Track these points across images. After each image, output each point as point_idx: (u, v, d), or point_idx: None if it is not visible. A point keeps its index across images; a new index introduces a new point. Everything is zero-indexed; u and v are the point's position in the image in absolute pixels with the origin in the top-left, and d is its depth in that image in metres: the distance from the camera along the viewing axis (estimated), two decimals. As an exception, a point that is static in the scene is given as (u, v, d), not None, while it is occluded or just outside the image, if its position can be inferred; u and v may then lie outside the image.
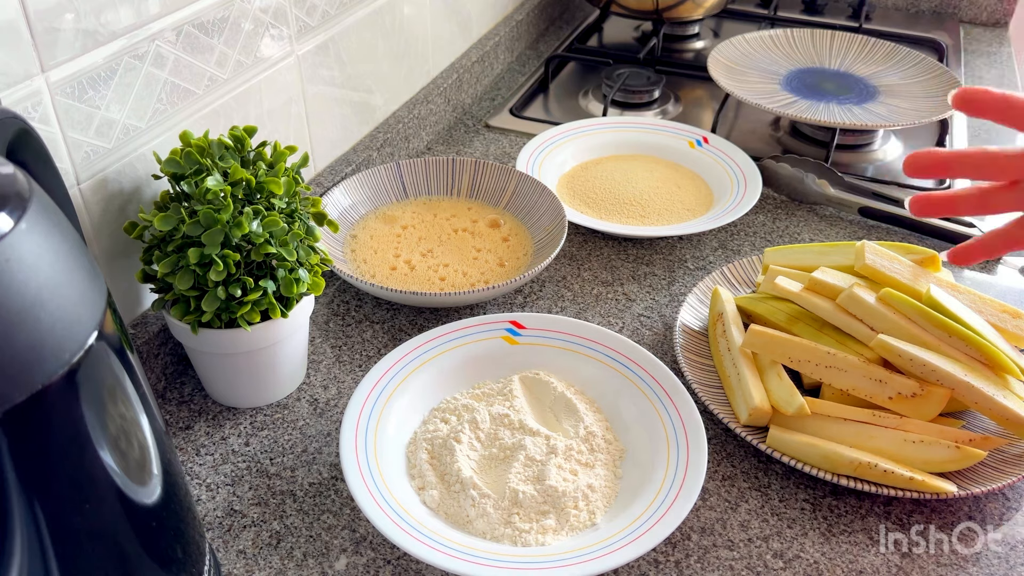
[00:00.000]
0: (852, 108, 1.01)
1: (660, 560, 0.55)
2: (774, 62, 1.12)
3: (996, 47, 1.32)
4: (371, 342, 0.72)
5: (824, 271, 0.67)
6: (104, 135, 0.58)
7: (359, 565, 0.54)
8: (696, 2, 1.20)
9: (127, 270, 0.62)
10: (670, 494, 0.55)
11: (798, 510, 0.59)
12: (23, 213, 0.31)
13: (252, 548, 0.55)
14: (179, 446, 0.62)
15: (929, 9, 1.42)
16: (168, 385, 0.67)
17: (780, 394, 0.61)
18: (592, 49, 1.30)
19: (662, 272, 0.81)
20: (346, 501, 0.58)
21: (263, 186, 0.58)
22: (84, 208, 0.58)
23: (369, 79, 0.89)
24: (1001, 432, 0.62)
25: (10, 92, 0.50)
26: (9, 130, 0.38)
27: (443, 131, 1.05)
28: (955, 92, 0.53)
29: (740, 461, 0.62)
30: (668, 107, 1.12)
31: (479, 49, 1.12)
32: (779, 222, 0.89)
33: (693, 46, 1.32)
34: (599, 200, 0.89)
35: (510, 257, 0.79)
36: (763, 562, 0.55)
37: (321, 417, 0.65)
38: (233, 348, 0.60)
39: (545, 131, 0.97)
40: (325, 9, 0.78)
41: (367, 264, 0.78)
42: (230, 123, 0.69)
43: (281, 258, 0.57)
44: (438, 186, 0.87)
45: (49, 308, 0.31)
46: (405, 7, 0.92)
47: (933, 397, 0.59)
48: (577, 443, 0.59)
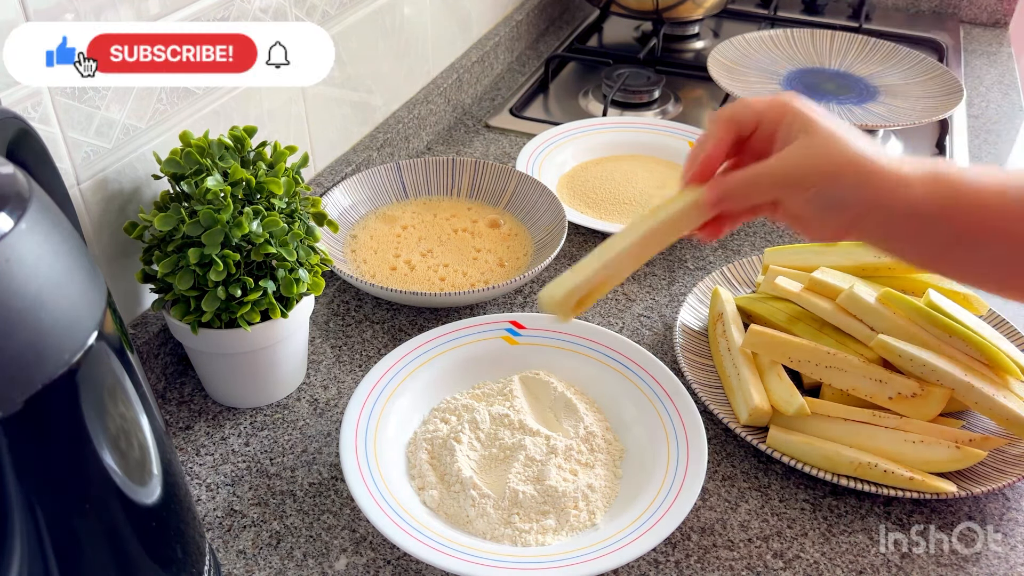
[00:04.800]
0: (852, 108, 1.01)
1: (660, 560, 0.55)
2: (774, 62, 1.12)
3: (996, 47, 1.32)
4: (371, 342, 0.72)
5: (824, 271, 0.67)
6: (104, 135, 0.58)
7: (359, 565, 0.54)
8: (696, 2, 1.20)
9: (127, 270, 0.62)
10: (670, 494, 0.55)
11: (798, 510, 0.58)
12: (23, 213, 0.31)
13: (252, 548, 0.55)
14: (179, 446, 0.62)
15: (929, 9, 1.42)
16: (168, 385, 0.67)
17: (780, 394, 0.61)
18: (592, 49, 1.30)
19: (662, 272, 0.81)
20: (346, 501, 0.58)
21: (263, 186, 0.58)
22: (84, 208, 0.58)
23: (369, 79, 0.89)
24: (1001, 432, 0.62)
25: (10, 92, 0.50)
26: (9, 130, 0.38)
27: (443, 131, 1.05)
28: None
29: (740, 461, 0.62)
30: (668, 107, 1.12)
31: (479, 49, 1.12)
32: (779, 222, 0.89)
33: (693, 46, 1.32)
34: (599, 200, 0.89)
35: (510, 257, 0.79)
36: (763, 562, 0.55)
37: (321, 417, 0.65)
38: (233, 348, 0.60)
39: (545, 131, 0.97)
40: (325, 9, 0.78)
41: (367, 264, 0.78)
42: (230, 123, 0.69)
43: (281, 258, 0.57)
44: (438, 186, 0.87)
45: (49, 308, 0.31)
46: (405, 7, 0.92)
47: (933, 397, 0.59)
48: (577, 443, 0.59)
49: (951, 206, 0.45)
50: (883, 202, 0.45)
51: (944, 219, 0.45)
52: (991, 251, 0.45)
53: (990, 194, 0.45)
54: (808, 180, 0.46)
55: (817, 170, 0.46)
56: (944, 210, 0.45)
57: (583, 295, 0.49)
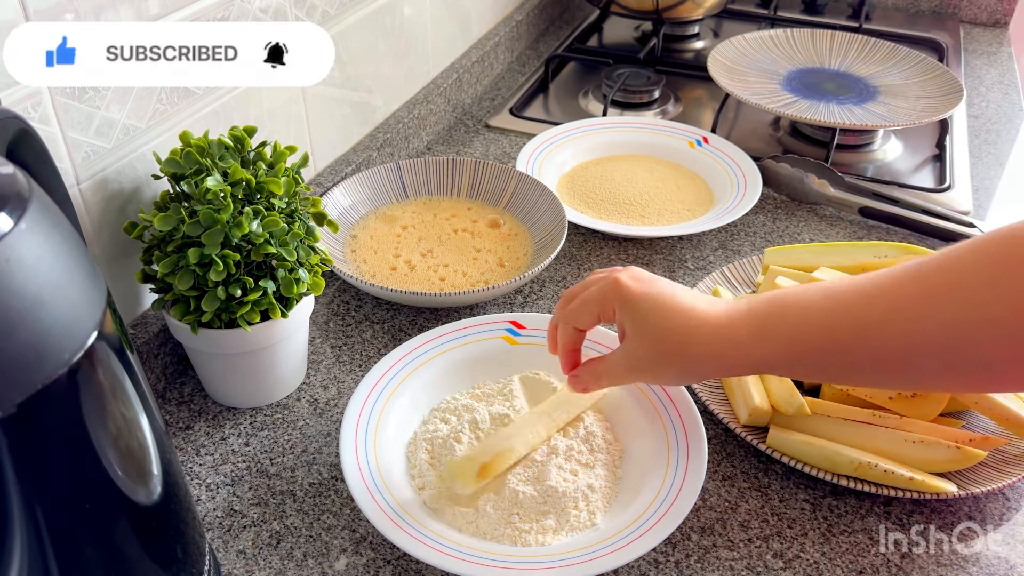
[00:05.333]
0: (852, 108, 1.01)
1: (660, 560, 0.55)
2: (774, 62, 1.12)
3: (996, 47, 1.32)
4: (371, 342, 0.72)
5: (824, 271, 0.67)
6: (104, 135, 0.58)
7: (359, 565, 0.54)
8: (696, 2, 1.20)
9: (127, 270, 0.62)
10: (670, 494, 0.55)
11: (798, 510, 0.58)
12: (23, 213, 0.31)
13: (252, 548, 0.55)
14: (179, 446, 0.62)
15: (929, 9, 1.42)
16: (168, 385, 0.67)
17: (780, 394, 0.61)
18: (592, 49, 1.30)
19: (662, 272, 0.81)
20: (346, 501, 0.58)
21: (263, 186, 0.58)
22: (84, 208, 0.58)
23: (369, 79, 0.89)
24: (1001, 432, 0.62)
25: (10, 92, 0.50)
26: (9, 130, 0.38)
27: (443, 131, 1.05)
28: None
29: (740, 461, 0.62)
30: (668, 107, 1.12)
31: (479, 49, 1.12)
32: (779, 222, 0.89)
33: (693, 46, 1.32)
34: (599, 200, 0.89)
35: (510, 257, 0.79)
36: (763, 562, 0.55)
37: (321, 417, 0.65)
38: (233, 348, 0.60)
39: (545, 131, 0.97)
40: (325, 9, 0.78)
41: (367, 264, 0.78)
42: (230, 123, 0.69)
43: (281, 258, 0.57)
44: (438, 186, 0.87)
45: (49, 308, 0.31)
46: (405, 7, 0.92)
47: (933, 397, 0.59)
48: (577, 443, 0.59)
49: (775, 331, 0.49)
50: (726, 362, 0.50)
51: (778, 345, 0.49)
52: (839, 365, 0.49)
53: (813, 309, 0.48)
54: (655, 367, 0.52)
55: (660, 357, 0.51)
56: (774, 339, 0.49)
57: (486, 461, 0.55)
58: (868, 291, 0.46)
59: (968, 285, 0.43)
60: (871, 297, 0.46)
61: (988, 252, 0.43)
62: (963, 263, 0.44)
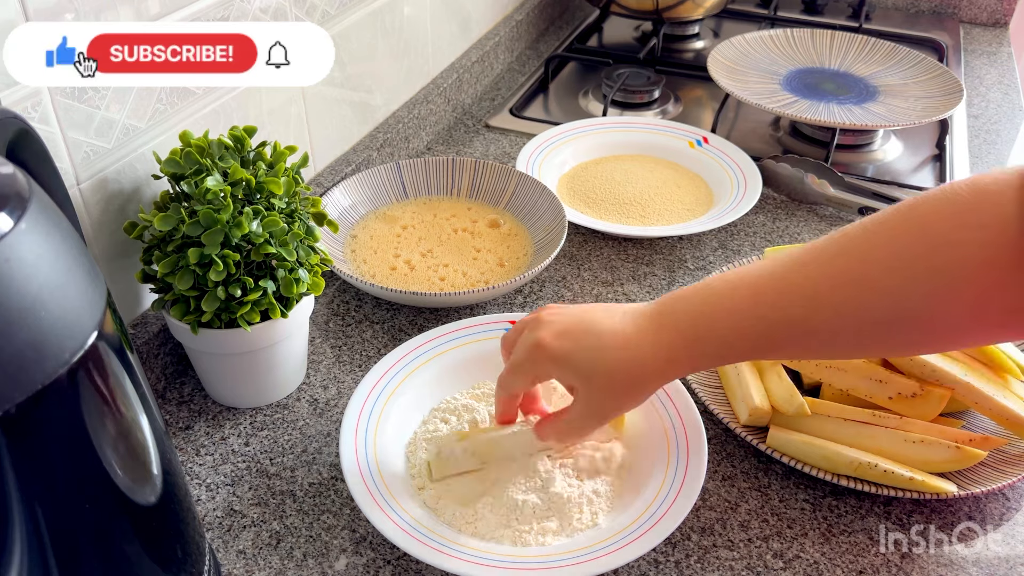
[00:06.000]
0: (852, 108, 1.01)
1: (660, 560, 0.55)
2: (774, 62, 1.12)
3: (996, 47, 1.32)
4: (371, 342, 0.72)
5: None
6: (104, 135, 0.58)
7: (359, 565, 0.54)
8: (696, 2, 1.20)
9: (127, 270, 0.62)
10: (670, 494, 0.55)
11: (798, 510, 0.58)
12: (23, 213, 0.31)
13: (252, 548, 0.55)
14: (179, 446, 0.62)
15: (929, 9, 1.42)
16: (168, 385, 0.67)
17: (780, 394, 0.61)
18: (592, 49, 1.30)
19: (662, 272, 0.81)
20: (346, 501, 0.58)
21: (263, 186, 0.58)
22: (84, 208, 0.58)
23: (369, 79, 0.89)
24: (1001, 432, 0.62)
25: (10, 92, 0.50)
26: (9, 130, 0.38)
27: (443, 131, 1.05)
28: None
29: (740, 461, 0.62)
30: (668, 107, 1.12)
31: (479, 49, 1.12)
32: (779, 222, 0.89)
33: (693, 46, 1.32)
34: (599, 200, 0.89)
35: (510, 257, 0.79)
36: (763, 562, 0.55)
37: (321, 417, 0.65)
38: (233, 348, 0.60)
39: (545, 131, 0.97)
40: (325, 9, 0.78)
41: (367, 264, 0.78)
42: (230, 123, 0.69)
43: (281, 258, 0.57)
44: (438, 186, 0.87)
45: (49, 308, 0.31)
46: (405, 7, 0.92)
47: (933, 397, 0.59)
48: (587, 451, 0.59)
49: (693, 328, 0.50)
50: (674, 368, 0.51)
51: (715, 345, 0.50)
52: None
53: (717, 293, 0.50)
54: (619, 404, 0.53)
55: (618, 395, 0.52)
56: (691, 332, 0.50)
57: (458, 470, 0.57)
58: (793, 283, 0.48)
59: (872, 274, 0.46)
60: (793, 294, 0.48)
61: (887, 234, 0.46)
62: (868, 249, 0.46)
